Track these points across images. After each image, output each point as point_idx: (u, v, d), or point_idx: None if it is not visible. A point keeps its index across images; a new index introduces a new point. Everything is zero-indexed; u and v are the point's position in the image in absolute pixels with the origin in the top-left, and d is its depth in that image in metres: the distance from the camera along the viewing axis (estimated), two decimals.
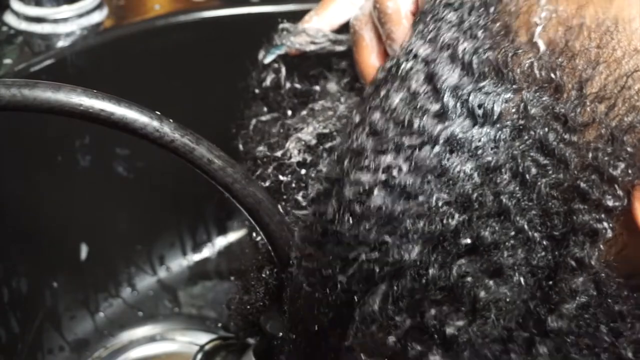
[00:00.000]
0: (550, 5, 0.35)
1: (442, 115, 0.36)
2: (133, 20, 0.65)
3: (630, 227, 0.34)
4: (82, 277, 0.64)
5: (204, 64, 0.66)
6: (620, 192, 0.34)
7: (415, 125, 0.36)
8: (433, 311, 0.35)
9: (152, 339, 0.65)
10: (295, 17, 0.68)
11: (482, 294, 0.34)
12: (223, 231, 0.70)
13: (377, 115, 0.37)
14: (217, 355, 0.49)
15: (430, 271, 0.35)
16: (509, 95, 0.35)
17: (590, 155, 0.34)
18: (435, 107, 0.36)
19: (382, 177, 0.36)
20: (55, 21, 0.61)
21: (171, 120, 0.34)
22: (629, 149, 0.34)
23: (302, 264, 0.39)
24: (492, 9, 0.37)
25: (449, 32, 0.37)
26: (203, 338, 0.62)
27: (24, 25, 0.61)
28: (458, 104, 0.35)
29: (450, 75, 0.36)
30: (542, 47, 0.35)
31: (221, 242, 0.70)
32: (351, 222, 0.37)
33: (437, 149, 0.35)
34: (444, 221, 0.35)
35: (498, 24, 0.36)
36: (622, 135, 0.34)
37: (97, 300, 0.65)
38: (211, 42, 0.66)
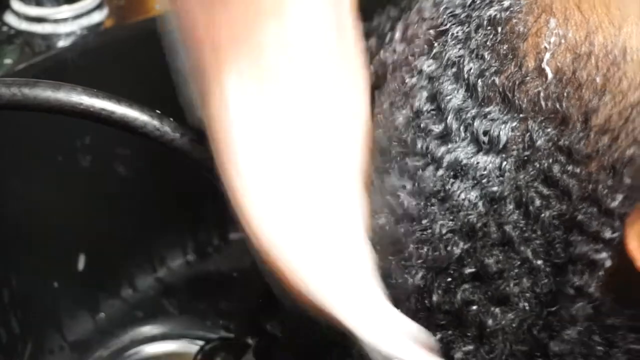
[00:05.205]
0: (560, 30, 0.34)
1: (445, 137, 0.35)
2: (133, 20, 0.65)
3: (623, 252, 0.34)
4: (82, 277, 0.64)
5: None
6: (617, 224, 0.34)
7: (419, 146, 0.35)
8: (438, 335, 0.35)
9: (152, 339, 0.65)
10: None
11: (490, 322, 0.34)
12: (224, 231, 0.70)
13: (380, 132, 0.37)
14: (217, 355, 0.49)
15: (434, 297, 0.35)
16: (515, 124, 0.34)
17: (590, 186, 0.34)
18: (438, 128, 0.35)
19: (387, 196, 0.36)
20: (56, 21, 0.61)
21: (172, 119, 0.34)
22: (627, 180, 0.33)
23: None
24: (499, 29, 0.35)
25: (455, 48, 0.36)
26: (204, 338, 0.62)
27: (24, 25, 0.61)
28: (462, 127, 0.35)
29: (454, 96, 0.35)
30: (550, 74, 0.34)
31: (222, 241, 0.70)
32: None
33: (440, 172, 0.35)
34: (448, 249, 0.34)
35: (505, 46, 0.35)
36: (622, 168, 0.33)
37: (98, 300, 0.65)
38: None
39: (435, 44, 0.37)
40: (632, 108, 0.33)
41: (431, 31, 0.38)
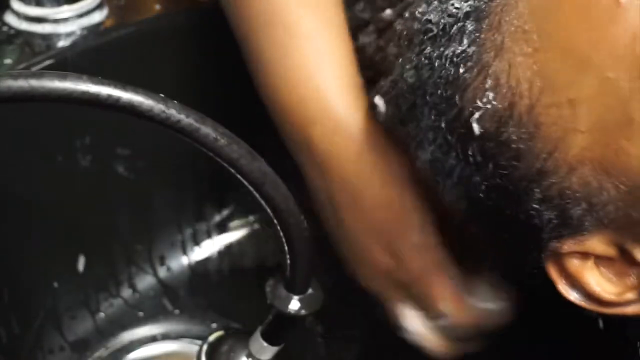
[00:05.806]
0: (491, 93, 0.35)
1: None
2: (133, 20, 0.65)
3: None
4: (82, 277, 0.64)
5: (205, 64, 0.66)
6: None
7: None
8: None
9: (152, 339, 0.65)
10: None
11: None
12: (224, 231, 0.70)
13: None
14: (225, 344, 0.50)
15: None
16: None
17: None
18: None
19: None
20: (56, 21, 0.61)
21: (176, 101, 0.35)
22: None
23: None
24: (452, 70, 0.36)
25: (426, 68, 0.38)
26: (204, 338, 0.62)
27: (24, 25, 0.62)
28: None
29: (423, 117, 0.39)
30: (477, 132, 0.35)
31: (222, 241, 0.70)
32: None
33: None
34: None
35: (450, 91, 0.36)
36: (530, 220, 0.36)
37: (98, 300, 0.65)
38: (213, 42, 0.66)
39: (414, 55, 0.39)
40: (540, 174, 0.34)
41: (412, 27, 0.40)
